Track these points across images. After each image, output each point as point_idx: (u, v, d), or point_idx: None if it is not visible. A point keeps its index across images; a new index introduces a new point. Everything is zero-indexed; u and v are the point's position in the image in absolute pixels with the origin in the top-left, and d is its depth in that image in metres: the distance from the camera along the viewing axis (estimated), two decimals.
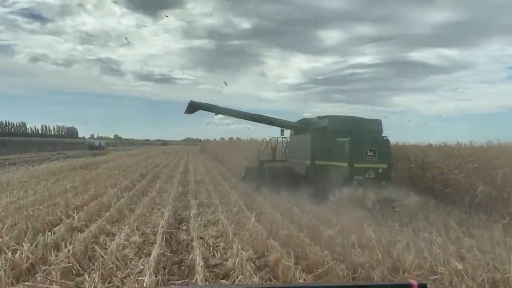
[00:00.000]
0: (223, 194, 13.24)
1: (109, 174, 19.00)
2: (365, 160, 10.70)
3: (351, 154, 10.83)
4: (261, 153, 16.07)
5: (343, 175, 10.80)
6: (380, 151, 10.90)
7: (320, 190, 11.05)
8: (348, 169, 10.71)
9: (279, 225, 8.02)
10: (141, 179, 17.23)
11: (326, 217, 8.45)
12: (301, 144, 13.29)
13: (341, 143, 11.27)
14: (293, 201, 11.33)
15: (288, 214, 9.39)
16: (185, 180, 17.88)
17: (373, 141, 11.31)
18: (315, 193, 11.26)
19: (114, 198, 11.27)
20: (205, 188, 14.74)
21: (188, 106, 14.72)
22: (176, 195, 12.25)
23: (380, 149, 10.96)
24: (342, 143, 11.21)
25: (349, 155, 10.85)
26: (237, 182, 16.03)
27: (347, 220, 8.02)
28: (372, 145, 10.92)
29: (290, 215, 9.20)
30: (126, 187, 14.04)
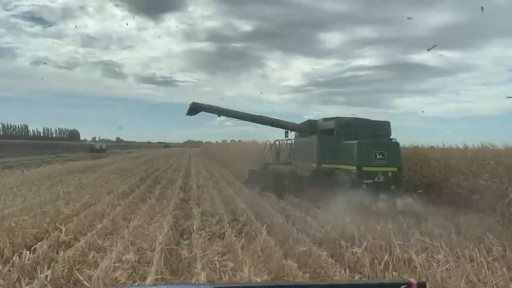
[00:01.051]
0: (228, 200, 12.27)
1: (106, 179, 18.07)
2: (374, 163, 10.25)
3: (359, 157, 10.38)
4: (265, 156, 15.57)
5: (351, 179, 10.34)
6: (389, 154, 10.45)
7: (327, 194, 10.45)
8: (356, 173, 10.23)
9: (295, 239, 7.06)
10: (140, 184, 16.27)
11: (347, 228, 7.45)
12: (307, 146, 12.80)
13: (349, 145, 10.82)
14: (304, 207, 10.41)
15: (302, 224, 8.44)
16: (187, 185, 16.91)
17: (382, 143, 10.90)
18: (322, 198, 10.59)
19: (109, 206, 10.32)
20: (208, 194, 13.78)
21: (190, 107, 14.07)
22: (177, 202, 11.29)
23: (389, 152, 10.51)
24: (350, 146, 10.76)
25: (357, 158, 10.39)
26: (242, 187, 15.06)
27: (371, 233, 7.05)
28: (381, 148, 10.48)
29: (305, 226, 8.23)
30: (124, 193, 13.09)
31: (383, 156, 10.31)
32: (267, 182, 14.10)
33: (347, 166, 10.73)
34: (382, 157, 10.31)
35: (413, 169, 12.78)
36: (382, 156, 10.31)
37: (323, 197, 10.52)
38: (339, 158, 11.09)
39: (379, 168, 10.19)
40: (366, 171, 10.18)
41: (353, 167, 10.38)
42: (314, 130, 12.88)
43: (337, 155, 11.15)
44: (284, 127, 14.23)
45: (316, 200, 10.71)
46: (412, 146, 13.48)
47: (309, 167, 12.20)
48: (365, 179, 10.13)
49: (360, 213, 8.96)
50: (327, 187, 10.88)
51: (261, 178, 14.80)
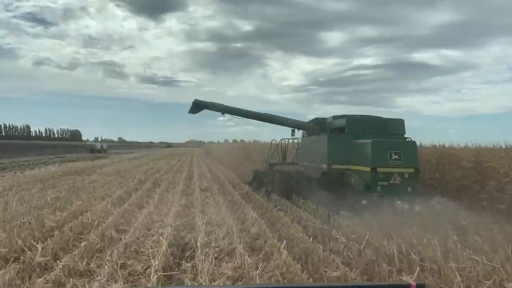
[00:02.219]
0: (236, 207, 11.00)
1: (103, 181, 16.83)
2: (390, 164, 9.74)
3: (374, 157, 9.87)
4: (271, 156, 14.80)
5: (365, 180, 9.82)
6: (406, 154, 9.90)
7: (339, 197, 10.03)
8: (370, 174, 9.74)
9: (321, 259, 5.77)
10: (138, 187, 15.00)
11: (383, 245, 6.15)
12: (316, 146, 12.21)
13: (362, 145, 10.29)
14: (323, 215, 9.14)
15: (326, 238, 7.17)
16: (189, 189, 15.62)
17: (398, 143, 10.39)
18: (333, 200, 10.08)
19: (101, 215, 9.05)
20: (213, 199, 12.49)
21: (192, 105, 13.32)
22: (178, 210, 9.98)
23: (406, 152, 9.96)
24: (363, 145, 10.24)
25: (372, 158, 9.89)
26: (250, 192, 13.77)
27: (414, 249, 5.76)
28: (397, 148, 9.95)
29: (330, 240, 6.95)
30: (120, 199, 11.83)
31: (399, 156, 9.78)
32: (273, 183, 13.54)
33: (360, 167, 10.20)
34: (398, 157, 9.77)
35: (440, 171, 11.51)
36: (398, 156, 9.78)
37: (335, 200, 9.97)
38: (351, 158, 10.54)
39: (395, 169, 9.68)
40: (381, 172, 9.70)
41: (367, 168, 9.88)
42: (323, 129, 12.34)
43: (349, 155, 10.63)
44: (291, 126, 13.62)
45: (327, 203, 9.95)
46: (440, 146, 12.19)
47: (318, 168, 11.59)
48: (380, 180, 9.66)
49: (390, 222, 7.75)
50: (339, 189, 10.41)
51: (266, 179, 14.29)
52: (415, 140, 10.86)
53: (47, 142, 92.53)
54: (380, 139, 10.31)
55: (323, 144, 11.49)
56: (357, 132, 10.91)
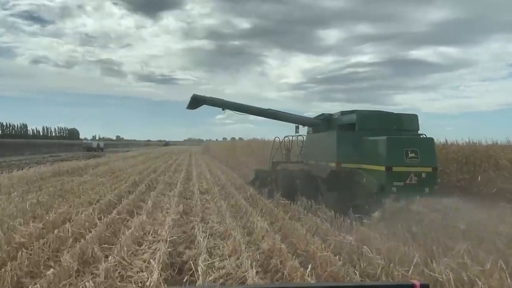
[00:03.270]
0: (241, 213, 9.69)
1: (94, 183, 15.50)
2: (406, 163, 9.11)
3: (389, 155, 9.23)
4: (274, 154, 14.11)
5: (379, 181, 9.18)
6: (423, 152, 9.28)
7: (349, 198, 9.63)
8: (385, 173, 9.08)
9: None
10: (132, 190, 13.65)
11: (429, 269, 4.84)
12: (323, 143, 11.59)
13: (376, 142, 9.64)
14: (342, 224, 7.87)
15: (354, 256, 5.86)
16: (188, 191, 14.28)
17: (414, 140, 9.81)
18: (343, 202, 9.64)
19: (84, 226, 7.72)
20: (214, 204, 11.16)
21: (190, 100, 12.54)
22: (174, 219, 8.62)
23: (423, 149, 9.34)
24: (377, 143, 9.59)
25: (387, 156, 9.24)
26: (256, 195, 12.45)
27: None
28: (413, 145, 9.33)
29: (360, 260, 5.64)
30: (109, 204, 10.49)
31: (416, 155, 9.16)
32: (276, 183, 13.03)
33: (373, 166, 9.57)
34: (414, 155, 9.16)
35: (470, 171, 10.23)
36: (414, 155, 9.16)
37: (345, 201, 9.51)
38: (363, 156, 9.92)
39: (411, 168, 9.08)
40: (396, 171, 9.06)
41: (381, 167, 9.24)
42: (331, 125, 11.71)
43: (360, 153, 10.01)
44: (295, 122, 13.03)
45: (336, 205, 9.49)
46: (470, 143, 10.90)
47: (326, 167, 10.95)
48: (396, 181, 9.03)
49: (428, 234, 6.52)
50: (349, 190, 9.93)
51: (269, 178, 13.71)
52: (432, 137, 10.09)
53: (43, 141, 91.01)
54: (395, 136, 9.66)
55: (331, 141, 10.81)
56: (368, 129, 10.30)
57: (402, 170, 9.10)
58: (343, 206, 9.20)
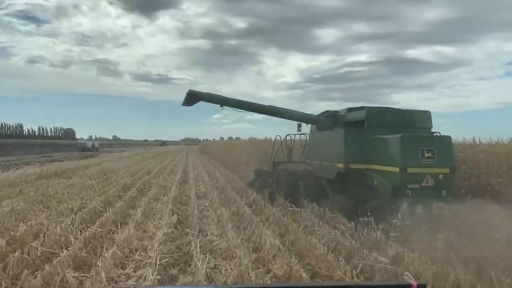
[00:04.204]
0: (245, 224, 8.42)
1: (82, 186, 14.21)
2: (422, 163, 8.50)
3: (404, 155, 8.61)
4: (275, 154, 13.42)
5: (392, 183, 8.53)
6: (440, 151, 8.66)
7: (357, 202, 9.00)
8: (399, 175, 8.45)
9: None
10: (122, 195, 12.37)
11: None
12: (328, 142, 10.96)
13: (389, 141, 9.03)
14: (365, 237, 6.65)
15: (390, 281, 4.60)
16: (184, 195, 12.99)
17: (431, 138, 9.27)
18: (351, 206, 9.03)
19: (60, 241, 6.44)
20: (213, 212, 9.87)
21: (186, 96, 11.75)
22: (167, 232, 7.28)
23: (440, 149, 8.71)
24: (390, 142, 8.98)
25: (401, 156, 8.62)
26: (259, 200, 11.20)
27: None
28: (430, 144, 8.76)
29: None
30: (94, 212, 9.21)
31: (433, 154, 8.59)
32: (277, 184, 12.43)
33: (385, 166, 8.95)
34: (431, 155, 8.59)
35: (504, 174, 9.07)
36: (431, 154, 8.59)
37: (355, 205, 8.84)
38: (374, 156, 9.29)
39: (427, 169, 8.48)
40: (411, 173, 8.46)
41: (394, 168, 8.63)
42: (337, 123, 11.04)
43: (370, 152, 9.39)
44: (298, 119, 12.34)
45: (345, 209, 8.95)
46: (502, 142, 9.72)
47: (332, 168, 10.27)
48: (411, 183, 8.43)
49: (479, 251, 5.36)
50: (358, 193, 9.32)
51: (270, 179, 13.04)
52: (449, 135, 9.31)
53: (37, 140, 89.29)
54: (410, 134, 9.06)
55: (338, 140, 10.16)
56: (378, 126, 9.68)
57: (417, 171, 8.52)
58: (352, 210, 8.67)
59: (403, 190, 8.40)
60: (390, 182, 8.63)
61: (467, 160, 9.95)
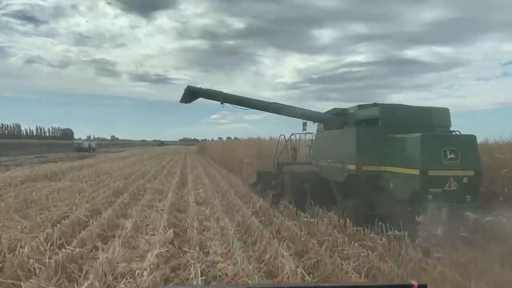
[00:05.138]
0: (253, 237, 7.15)
1: (71, 190, 12.98)
2: (444, 165, 7.79)
3: (424, 156, 7.92)
4: (279, 154, 12.68)
5: (411, 186, 7.87)
6: (464, 152, 7.96)
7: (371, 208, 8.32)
8: (420, 178, 7.74)
9: None
10: (113, 200, 11.12)
11: None
12: (338, 142, 10.35)
13: (407, 141, 8.36)
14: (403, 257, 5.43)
15: None
16: (182, 201, 11.72)
17: (454, 138, 8.63)
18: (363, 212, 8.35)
19: (27, 265, 5.17)
20: (215, 222, 8.58)
21: (184, 93, 11.13)
22: (160, 254, 6.01)
23: (464, 149, 8.01)
24: (409, 141, 8.31)
25: (422, 158, 7.91)
26: (267, 207, 9.94)
27: None
28: (453, 144, 8.08)
29: None
30: (78, 223, 7.94)
31: (456, 155, 7.92)
32: (282, 187, 11.88)
33: (403, 169, 8.25)
34: (454, 156, 7.92)
35: None
36: (454, 155, 7.92)
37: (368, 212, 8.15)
38: (390, 157, 8.58)
39: (450, 171, 7.80)
40: (433, 176, 7.76)
41: (414, 171, 7.95)
42: (346, 121, 10.47)
43: (385, 153, 8.71)
44: (304, 117, 11.71)
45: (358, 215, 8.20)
46: None
47: (342, 170, 9.65)
48: (432, 187, 7.71)
49: None
50: (372, 197, 8.63)
51: (274, 181, 12.35)
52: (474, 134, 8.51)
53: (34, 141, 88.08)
54: (432, 133, 8.56)
55: (349, 139, 9.52)
56: (393, 125, 9.04)
57: (439, 174, 7.83)
58: (364, 216, 8.02)
59: (424, 195, 7.66)
60: (409, 186, 7.96)
61: (505, 162, 8.76)
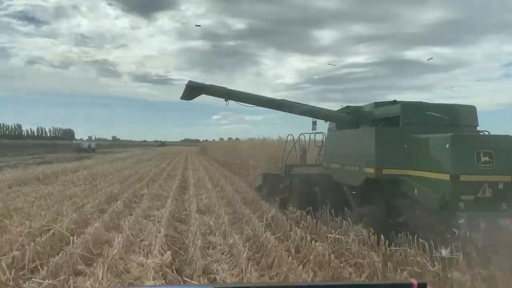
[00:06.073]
0: (270, 260, 5.86)
1: (60, 196, 11.79)
2: (478, 169, 7.01)
3: (456, 159, 7.12)
4: (288, 156, 12.24)
5: (440, 193, 7.04)
6: (499, 155, 7.20)
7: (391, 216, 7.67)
8: (450, 184, 6.94)
9: None
10: (105, 208, 9.87)
11: None
12: (353, 142, 9.69)
13: (434, 142, 7.64)
14: None
15: None
16: (182, 209, 10.45)
17: (488, 139, 8.06)
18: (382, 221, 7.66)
19: None
20: (222, 237, 7.29)
21: (185, 89, 10.32)
22: (156, 278, 4.74)
23: (500, 151, 7.25)
24: (437, 142, 7.56)
25: (452, 161, 7.12)
26: (280, 218, 8.66)
27: None
28: (487, 145, 7.31)
29: None
30: (58, 239, 6.70)
31: (491, 158, 7.21)
32: (289, 190, 11.23)
33: (430, 173, 7.51)
34: (488, 159, 7.21)
35: None
36: (488, 158, 7.21)
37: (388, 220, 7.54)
38: (414, 160, 7.90)
39: (484, 176, 7.09)
40: (465, 181, 7.03)
41: (443, 176, 7.22)
42: (362, 119, 9.83)
43: (408, 155, 8.01)
44: (315, 116, 10.91)
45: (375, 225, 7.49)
46: None
47: (358, 173, 8.95)
48: (464, 194, 6.99)
49: None
50: (392, 205, 7.90)
51: (281, 185, 11.77)
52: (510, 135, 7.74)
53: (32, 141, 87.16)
54: (464, 133, 8.04)
55: (367, 140, 8.81)
56: (417, 124, 8.32)
57: (472, 179, 7.09)
58: (385, 225, 7.33)
59: (455, 202, 6.92)
60: (437, 192, 7.15)
61: None
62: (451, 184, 7.06)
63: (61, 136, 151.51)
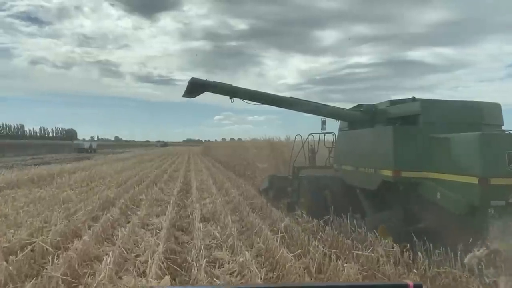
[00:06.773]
0: (289, 281, 4.92)
1: (52, 201, 10.95)
2: (510, 172, 6.35)
3: (485, 161, 6.53)
4: (296, 157, 11.92)
5: (469, 198, 6.48)
6: None
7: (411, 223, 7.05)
8: (479, 188, 6.33)
9: None
10: (100, 215, 8.95)
11: None
12: (368, 143, 9.19)
13: (460, 142, 7.03)
14: None
15: None
16: (184, 216, 9.51)
17: None
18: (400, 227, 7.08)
19: None
20: (230, 252, 6.34)
21: (188, 86, 9.78)
22: None
23: None
24: (463, 143, 6.96)
25: (481, 163, 6.52)
26: (293, 229, 7.70)
27: None
28: None
29: None
30: (43, 254, 5.75)
31: None
32: (298, 194, 10.97)
33: (456, 176, 6.91)
34: None
35: None
36: None
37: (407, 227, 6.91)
38: (436, 162, 7.41)
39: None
40: (495, 185, 6.40)
41: (472, 179, 6.61)
42: (377, 118, 9.31)
43: (429, 157, 7.57)
44: (326, 114, 10.50)
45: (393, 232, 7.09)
46: None
47: (374, 176, 8.55)
48: (495, 199, 6.41)
49: None
50: (412, 210, 7.50)
51: (289, 188, 11.55)
52: None
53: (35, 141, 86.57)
54: (493, 133, 7.61)
55: (384, 140, 8.36)
56: (438, 123, 7.93)
57: (504, 182, 6.60)
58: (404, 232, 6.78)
59: (485, 208, 6.48)
60: (465, 197, 6.70)
61: None
62: (480, 188, 6.52)
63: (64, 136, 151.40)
